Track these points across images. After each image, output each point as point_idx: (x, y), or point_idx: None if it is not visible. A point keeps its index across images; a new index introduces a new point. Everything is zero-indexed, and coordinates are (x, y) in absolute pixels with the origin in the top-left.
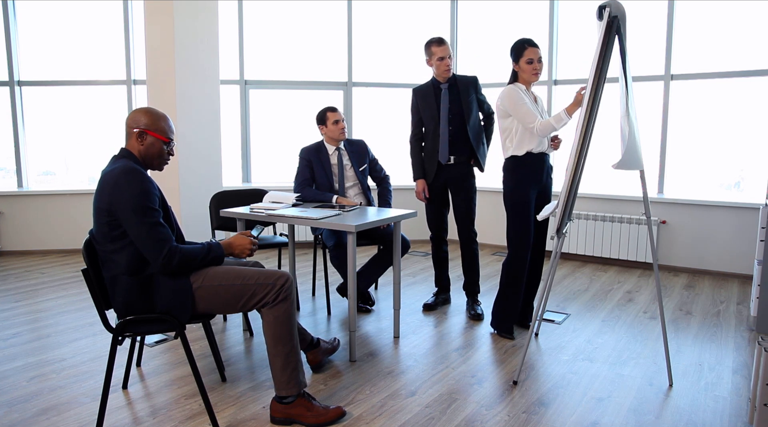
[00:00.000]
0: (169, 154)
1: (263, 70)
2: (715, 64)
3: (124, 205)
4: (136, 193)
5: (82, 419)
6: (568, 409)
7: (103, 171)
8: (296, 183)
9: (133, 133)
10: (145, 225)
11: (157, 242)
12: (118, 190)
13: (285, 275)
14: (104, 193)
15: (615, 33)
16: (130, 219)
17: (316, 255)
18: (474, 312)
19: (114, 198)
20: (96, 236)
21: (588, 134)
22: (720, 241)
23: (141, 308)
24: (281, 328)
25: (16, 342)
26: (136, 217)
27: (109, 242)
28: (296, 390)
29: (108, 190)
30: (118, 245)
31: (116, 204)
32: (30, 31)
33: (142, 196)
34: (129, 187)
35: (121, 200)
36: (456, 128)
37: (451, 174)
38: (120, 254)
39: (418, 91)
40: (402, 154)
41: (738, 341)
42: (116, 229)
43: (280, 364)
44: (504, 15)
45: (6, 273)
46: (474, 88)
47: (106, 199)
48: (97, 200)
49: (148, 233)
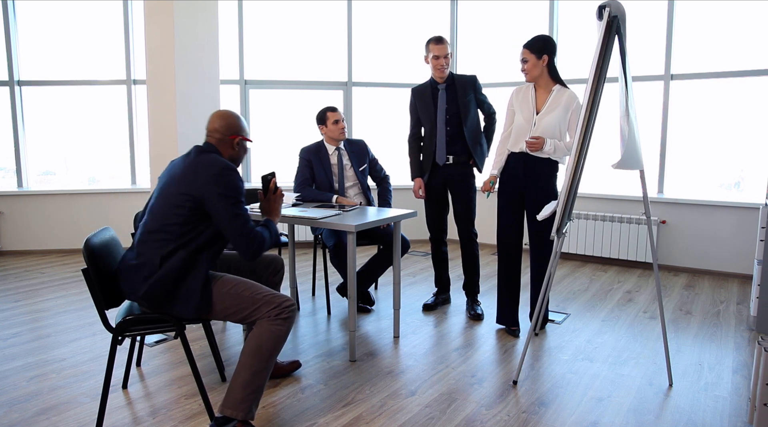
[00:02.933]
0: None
1: (263, 70)
2: (715, 64)
3: (222, 197)
4: (236, 188)
5: (82, 419)
6: (568, 409)
7: (186, 159)
8: (296, 183)
9: (230, 141)
10: (240, 217)
11: (249, 233)
12: (221, 182)
13: (292, 300)
14: (197, 180)
15: (615, 33)
16: (227, 210)
17: (316, 255)
18: (474, 312)
19: (211, 188)
20: (160, 217)
21: (588, 134)
22: (720, 241)
23: (163, 294)
24: (267, 343)
25: (16, 342)
26: (234, 209)
27: (180, 226)
28: (243, 415)
29: (205, 179)
30: (190, 228)
31: (211, 194)
32: (30, 31)
33: (239, 192)
34: (231, 181)
35: (220, 191)
36: (453, 129)
37: (451, 174)
38: (187, 237)
39: (416, 91)
40: (402, 154)
41: (738, 340)
42: (195, 215)
43: (245, 379)
44: (504, 15)
45: (6, 273)
46: (473, 88)
47: (198, 186)
48: (183, 185)
49: (243, 225)
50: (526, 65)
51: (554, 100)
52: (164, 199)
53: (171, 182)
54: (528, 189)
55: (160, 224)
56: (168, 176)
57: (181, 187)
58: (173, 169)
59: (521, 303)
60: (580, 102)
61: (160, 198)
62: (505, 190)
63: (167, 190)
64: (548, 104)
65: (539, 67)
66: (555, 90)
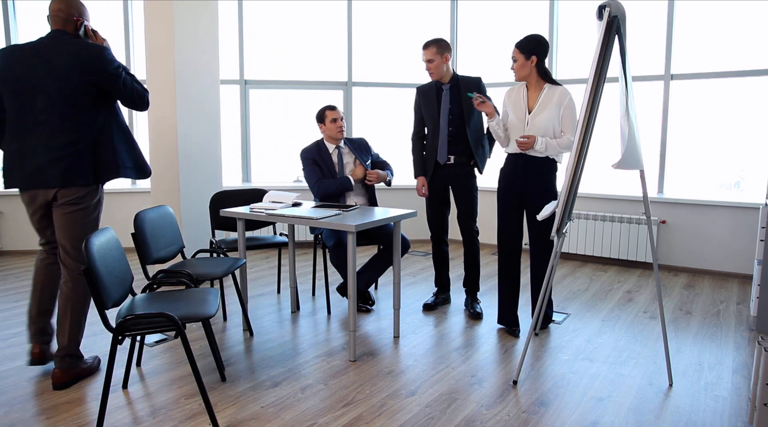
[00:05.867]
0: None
1: (263, 70)
2: (715, 64)
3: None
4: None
5: (82, 419)
6: (568, 409)
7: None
8: (312, 185)
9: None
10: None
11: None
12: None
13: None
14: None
15: (615, 33)
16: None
17: (316, 255)
18: (473, 311)
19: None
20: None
21: (588, 134)
22: (720, 241)
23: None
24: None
25: (16, 342)
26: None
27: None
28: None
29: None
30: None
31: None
32: (31, 32)
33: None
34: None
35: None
36: (456, 129)
37: (452, 174)
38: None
39: (421, 90)
40: (402, 153)
41: (738, 340)
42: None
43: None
44: (504, 15)
45: (6, 273)
46: (477, 90)
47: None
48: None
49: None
50: (515, 65)
51: (545, 98)
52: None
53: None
54: (527, 189)
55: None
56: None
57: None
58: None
59: (522, 303)
60: (572, 98)
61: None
62: (505, 191)
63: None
64: (539, 103)
65: (527, 67)
66: (546, 88)
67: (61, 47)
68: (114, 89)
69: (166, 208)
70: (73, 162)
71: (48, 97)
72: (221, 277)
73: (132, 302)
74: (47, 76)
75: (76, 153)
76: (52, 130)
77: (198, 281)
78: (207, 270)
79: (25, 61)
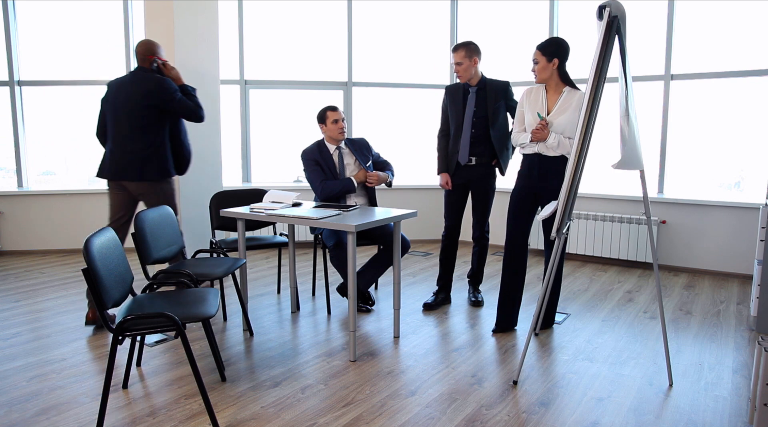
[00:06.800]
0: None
1: (263, 70)
2: (715, 64)
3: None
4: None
5: (82, 419)
6: (568, 409)
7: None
8: (315, 186)
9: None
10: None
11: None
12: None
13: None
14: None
15: (615, 33)
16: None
17: (316, 255)
18: (474, 299)
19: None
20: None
21: (588, 134)
22: (720, 241)
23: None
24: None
25: (16, 342)
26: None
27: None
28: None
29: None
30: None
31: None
32: (30, 31)
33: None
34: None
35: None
36: (479, 131)
37: (473, 175)
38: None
39: (449, 90)
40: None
41: (738, 341)
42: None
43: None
44: (504, 15)
45: (6, 273)
46: (503, 95)
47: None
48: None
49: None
50: (537, 67)
51: (565, 101)
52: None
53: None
54: (543, 189)
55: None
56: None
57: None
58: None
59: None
60: None
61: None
62: (520, 190)
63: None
64: (559, 105)
65: (549, 69)
66: (565, 91)
67: (136, 81)
68: (170, 109)
69: (166, 209)
70: (142, 162)
71: (126, 117)
72: (221, 277)
73: (132, 302)
74: (126, 102)
75: (144, 156)
76: (128, 140)
77: (198, 281)
78: (207, 270)
79: (118, 91)
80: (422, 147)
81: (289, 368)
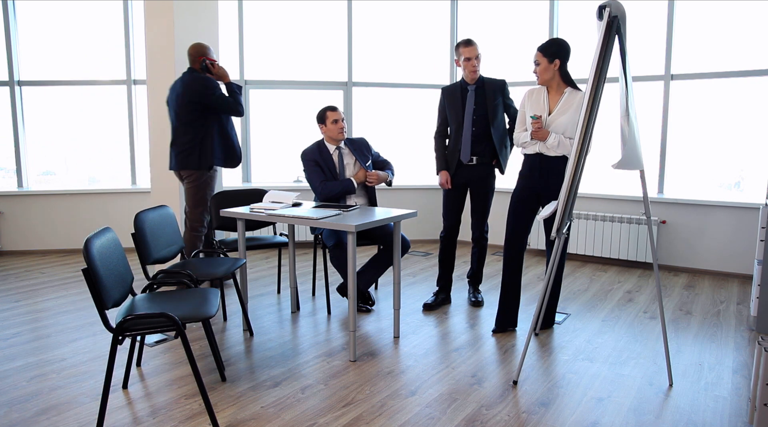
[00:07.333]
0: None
1: (263, 70)
2: (715, 64)
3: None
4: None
5: (82, 419)
6: (568, 409)
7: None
8: (315, 186)
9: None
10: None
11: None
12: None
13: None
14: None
15: (615, 33)
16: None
17: (316, 255)
18: (474, 299)
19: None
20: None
21: (588, 134)
22: (720, 241)
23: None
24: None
25: (16, 342)
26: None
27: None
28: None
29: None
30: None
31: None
32: (30, 31)
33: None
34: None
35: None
36: (479, 130)
37: (473, 174)
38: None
39: (446, 91)
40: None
41: (738, 341)
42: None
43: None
44: (504, 15)
45: (6, 273)
46: (501, 92)
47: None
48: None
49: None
50: (538, 68)
51: (566, 101)
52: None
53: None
54: (544, 189)
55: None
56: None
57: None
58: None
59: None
60: None
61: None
62: (521, 190)
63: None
64: (560, 106)
65: (550, 70)
66: (567, 92)
67: (184, 81)
68: (212, 105)
69: (166, 209)
70: (187, 153)
71: (176, 114)
72: (221, 277)
73: (132, 302)
74: (176, 100)
75: (189, 148)
76: (179, 134)
77: (198, 281)
78: (207, 270)
79: (172, 91)
80: (422, 147)
81: (289, 368)
